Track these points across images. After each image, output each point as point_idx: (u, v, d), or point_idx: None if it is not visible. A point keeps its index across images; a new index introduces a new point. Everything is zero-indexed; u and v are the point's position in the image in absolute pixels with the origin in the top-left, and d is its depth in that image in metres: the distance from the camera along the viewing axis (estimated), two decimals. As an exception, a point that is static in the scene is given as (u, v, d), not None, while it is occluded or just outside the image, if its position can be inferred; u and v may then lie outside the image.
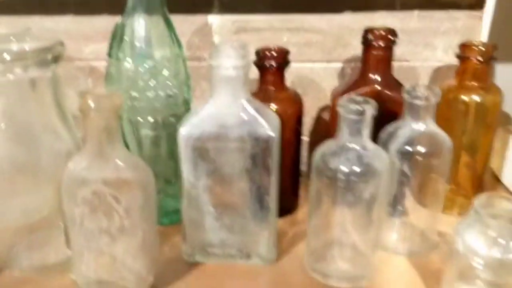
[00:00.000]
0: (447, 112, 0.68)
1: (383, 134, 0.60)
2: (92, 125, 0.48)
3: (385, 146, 0.59)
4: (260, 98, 0.64)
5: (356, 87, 0.66)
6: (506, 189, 0.78)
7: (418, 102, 0.57)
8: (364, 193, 0.52)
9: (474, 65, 0.66)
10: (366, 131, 0.52)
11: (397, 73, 0.71)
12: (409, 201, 0.61)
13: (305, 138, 0.80)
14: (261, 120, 0.54)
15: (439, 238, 0.63)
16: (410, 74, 0.75)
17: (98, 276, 0.54)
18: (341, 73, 0.76)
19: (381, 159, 0.53)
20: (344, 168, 0.52)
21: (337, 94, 0.67)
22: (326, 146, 0.54)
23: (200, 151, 0.55)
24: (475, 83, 0.66)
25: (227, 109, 0.54)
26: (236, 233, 0.59)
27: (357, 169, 0.51)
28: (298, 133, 0.68)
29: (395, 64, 0.69)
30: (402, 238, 0.63)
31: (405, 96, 0.57)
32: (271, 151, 0.55)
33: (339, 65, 0.76)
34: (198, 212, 0.58)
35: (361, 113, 0.51)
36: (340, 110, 0.51)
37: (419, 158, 0.57)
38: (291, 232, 0.67)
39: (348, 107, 0.51)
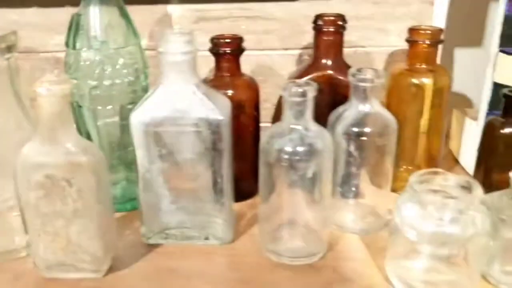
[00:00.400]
0: (400, 96, 0.71)
1: (332, 116, 0.62)
2: (43, 111, 0.50)
3: (333, 128, 0.61)
4: (216, 85, 0.66)
5: (309, 73, 0.68)
6: (463, 169, 0.80)
7: (362, 84, 0.59)
8: (307, 172, 0.54)
9: (422, 48, 0.68)
10: (309, 113, 0.54)
11: (352, 59, 0.73)
12: (359, 181, 0.63)
13: (267, 124, 0.81)
14: (210, 104, 0.56)
15: (390, 217, 0.65)
16: (366, 59, 0.77)
17: (56, 258, 0.56)
18: (299, 60, 0.78)
19: (324, 139, 0.55)
20: (287, 149, 0.54)
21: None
22: (272, 129, 0.56)
23: (152, 136, 0.57)
24: (424, 66, 0.69)
25: (177, 94, 0.56)
26: (192, 215, 0.61)
27: (299, 149, 0.54)
28: (255, 119, 0.70)
29: (350, 50, 0.71)
30: (356, 217, 0.65)
31: (350, 78, 0.59)
32: (221, 135, 0.57)
33: (296, 52, 0.78)
34: (154, 195, 0.60)
35: (303, 95, 0.53)
36: (283, 93, 0.53)
37: (364, 138, 0.59)
38: (249, 214, 0.69)
39: (290, 90, 0.53)
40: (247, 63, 0.77)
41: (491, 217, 0.52)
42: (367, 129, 0.59)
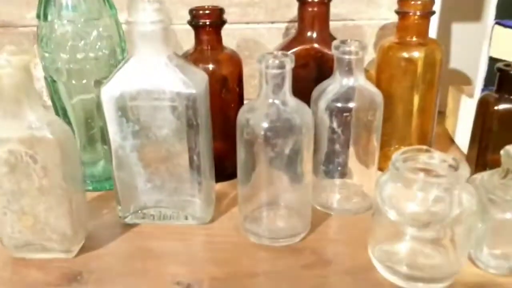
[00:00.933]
0: (390, 71, 0.67)
1: (315, 91, 0.59)
2: (2, 82, 0.47)
3: (316, 103, 0.58)
4: (196, 59, 0.63)
5: (293, 46, 0.65)
6: (458, 149, 0.77)
7: (346, 56, 0.56)
8: (285, 149, 0.51)
9: (413, 20, 0.64)
10: (287, 86, 0.51)
11: (341, 33, 0.70)
12: (344, 160, 0.60)
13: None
14: (183, 77, 0.53)
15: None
16: (356, 33, 0.74)
17: (24, 237, 0.53)
18: (286, 34, 0.75)
19: (303, 114, 0.52)
20: (264, 124, 0.51)
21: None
22: (249, 104, 0.53)
23: (124, 110, 0.54)
24: (415, 39, 0.65)
25: (148, 67, 0.53)
26: (170, 194, 0.59)
27: (275, 124, 0.51)
28: (239, 95, 0.67)
29: (339, 24, 0.67)
30: (341, 197, 0.62)
31: (334, 51, 0.56)
32: (196, 110, 0.54)
33: (283, 25, 0.74)
34: (129, 173, 0.58)
35: (280, 66, 0.50)
36: (259, 65, 0.50)
37: (347, 114, 0.56)
38: (232, 194, 0.66)
39: (266, 62, 0.50)
40: (231, 37, 0.74)
41: (479, 197, 0.49)
42: (350, 104, 0.56)
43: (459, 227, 0.47)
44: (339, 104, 0.56)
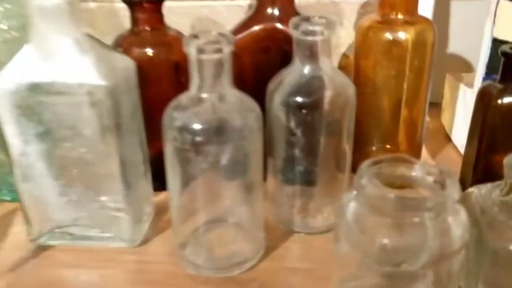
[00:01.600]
0: (370, 56, 0.55)
1: (271, 83, 0.47)
2: None
3: (271, 98, 0.46)
4: (131, 42, 0.52)
5: (249, 25, 0.53)
6: (455, 148, 0.65)
7: (308, 38, 0.43)
8: (221, 158, 0.39)
9: (398, -8, 0.52)
10: (226, 76, 0.39)
11: (316, 11, 0.58)
12: (307, 167, 0.48)
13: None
14: (97, 65, 0.41)
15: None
16: (332, 11, 0.61)
17: None
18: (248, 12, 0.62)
19: (245, 113, 0.40)
20: (192, 126, 0.39)
21: (229, 36, 0.53)
22: (178, 100, 0.41)
23: (23, 108, 0.43)
24: (401, 16, 0.53)
25: (51, 53, 0.41)
26: (90, 210, 0.48)
27: (207, 126, 0.39)
28: (184, 87, 0.55)
29: (312, 0, 0.55)
30: (303, 212, 0.50)
31: (292, 31, 0.44)
32: (117, 106, 0.42)
33: (245, 2, 0.62)
34: (37, 186, 0.46)
35: (215, 50, 0.38)
36: (186, 49, 0.38)
37: (306, 111, 0.44)
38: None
39: (197, 44, 0.38)
40: (185, 17, 0.62)
41: (474, 220, 0.37)
42: (312, 99, 0.44)
43: (445, 264, 0.35)
44: (297, 99, 0.44)
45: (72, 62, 0.41)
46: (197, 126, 0.39)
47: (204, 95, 0.39)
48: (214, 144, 0.39)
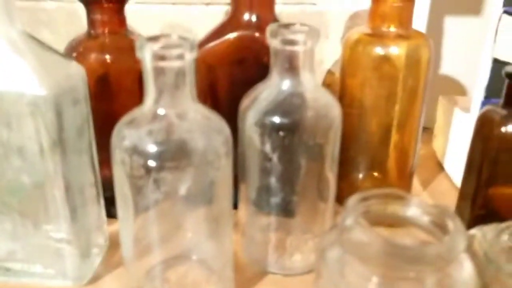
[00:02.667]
0: (358, 72, 0.49)
1: (245, 99, 0.40)
2: None
3: (244, 116, 0.39)
4: (87, 47, 0.46)
5: (223, 33, 0.47)
6: (448, 179, 0.59)
7: (287, 47, 0.37)
8: (178, 187, 0.33)
9: (391, 2, 0.46)
10: (188, 89, 0.33)
11: (300, 21, 0.52)
12: (284, 197, 0.41)
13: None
14: (34, 69, 0.35)
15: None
16: (318, 21, 0.56)
17: None
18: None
19: (208, 133, 0.33)
20: (144, 146, 0.32)
21: (201, 45, 0.47)
22: (130, 115, 0.35)
23: None
24: (393, 29, 0.47)
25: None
26: (28, 242, 0.40)
27: (161, 147, 0.32)
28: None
29: (296, 9, 0.49)
30: (280, 249, 0.44)
31: (270, 39, 0.38)
32: (55, 121, 0.36)
33: (222, 8, 0.56)
34: (-37, 211, 0.39)
35: (174, 56, 0.31)
36: (139, 55, 0.32)
37: (284, 133, 0.38)
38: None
39: (151, 50, 0.31)
40: (158, 21, 0.56)
41: (479, 271, 0.31)
42: (290, 119, 0.38)
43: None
44: (274, 118, 0.38)
45: (4, 66, 0.35)
46: (150, 148, 0.32)
47: (160, 111, 0.33)
48: (170, 171, 0.32)
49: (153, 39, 0.32)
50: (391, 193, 0.31)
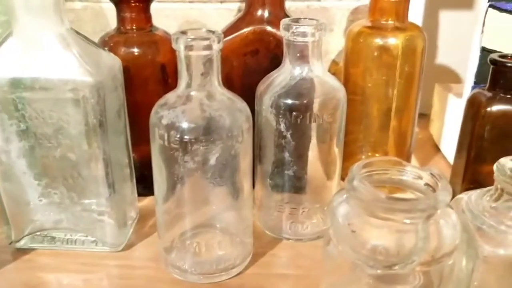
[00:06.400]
0: (360, 62, 0.55)
1: (261, 84, 0.46)
2: None
3: (260, 99, 0.45)
4: (117, 42, 0.51)
5: (239, 28, 0.52)
6: (444, 158, 0.65)
7: (298, 39, 0.43)
8: (209, 158, 0.39)
9: (388, -2, 0.52)
10: (215, 73, 0.39)
11: (305, 16, 0.57)
12: (297, 172, 0.47)
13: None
14: (81, 60, 0.40)
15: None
16: (322, 16, 0.61)
17: None
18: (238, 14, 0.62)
19: (234, 112, 0.39)
20: (179, 124, 0.38)
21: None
22: (165, 98, 0.40)
23: (4, 104, 0.41)
24: (391, 22, 0.53)
25: (33, 47, 0.40)
26: (72, 212, 0.46)
27: (195, 125, 0.38)
28: (169, 88, 0.54)
29: (302, 5, 0.55)
30: (293, 218, 0.49)
31: (283, 32, 0.43)
32: (101, 103, 0.41)
33: (235, 5, 0.61)
34: (17, 185, 0.45)
35: (204, 47, 0.37)
36: (174, 46, 0.38)
37: (297, 113, 0.44)
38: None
39: (185, 41, 0.37)
40: (173, 19, 0.61)
41: (464, 225, 0.37)
42: (302, 101, 0.43)
43: (436, 267, 0.35)
44: (287, 101, 0.44)
45: (56, 57, 0.40)
46: (185, 124, 0.38)
47: (192, 93, 0.39)
48: (202, 143, 0.38)
49: (185, 32, 0.38)
50: (389, 159, 0.37)
